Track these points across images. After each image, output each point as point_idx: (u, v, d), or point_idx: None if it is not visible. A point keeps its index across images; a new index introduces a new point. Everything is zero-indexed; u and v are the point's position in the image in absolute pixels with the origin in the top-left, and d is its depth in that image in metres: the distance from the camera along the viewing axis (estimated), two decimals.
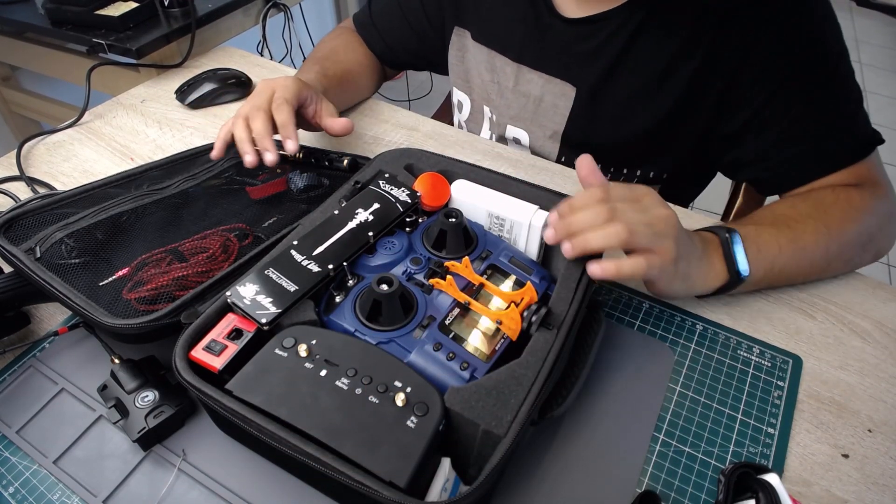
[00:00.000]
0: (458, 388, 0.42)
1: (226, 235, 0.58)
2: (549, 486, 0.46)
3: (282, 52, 1.94)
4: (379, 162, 0.61)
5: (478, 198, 0.57)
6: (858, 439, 0.50)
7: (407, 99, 2.32)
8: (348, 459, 0.38)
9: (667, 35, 0.66)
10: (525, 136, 0.82)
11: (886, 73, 2.75)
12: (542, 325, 0.46)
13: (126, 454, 0.48)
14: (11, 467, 0.48)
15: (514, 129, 0.82)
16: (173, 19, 1.06)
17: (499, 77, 0.80)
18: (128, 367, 0.50)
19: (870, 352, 0.56)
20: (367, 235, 0.52)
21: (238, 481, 0.47)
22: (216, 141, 0.65)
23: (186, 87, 0.89)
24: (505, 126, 0.83)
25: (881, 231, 0.62)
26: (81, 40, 1.03)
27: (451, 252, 0.52)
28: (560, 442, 0.49)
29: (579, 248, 0.48)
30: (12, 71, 1.49)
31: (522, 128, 0.81)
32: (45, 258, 0.53)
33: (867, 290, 0.62)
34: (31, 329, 0.58)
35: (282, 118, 0.64)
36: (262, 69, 0.97)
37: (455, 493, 0.41)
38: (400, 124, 0.86)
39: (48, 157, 0.80)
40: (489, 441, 0.41)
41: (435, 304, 0.48)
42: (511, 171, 0.75)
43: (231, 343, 0.45)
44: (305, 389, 0.41)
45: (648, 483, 0.47)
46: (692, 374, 0.54)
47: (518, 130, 0.82)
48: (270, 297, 0.46)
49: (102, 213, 0.59)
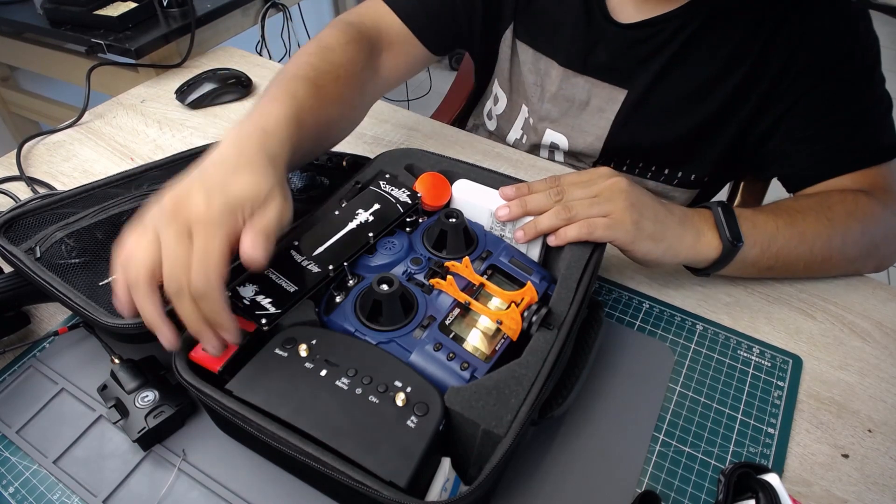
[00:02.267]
0: (459, 388, 0.42)
1: None
2: (549, 486, 0.46)
3: (281, 52, 1.94)
4: (379, 162, 0.61)
5: (478, 198, 0.57)
6: (858, 439, 0.50)
7: (406, 99, 2.32)
8: (348, 459, 0.38)
9: (721, 40, 0.66)
10: (563, 141, 0.80)
11: (886, 73, 2.74)
12: (543, 325, 0.46)
13: (126, 454, 0.48)
14: (11, 467, 0.48)
15: (553, 133, 0.80)
16: (172, 19, 1.06)
17: (542, 80, 0.78)
18: (128, 367, 0.50)
19: (870, 352, 0.56)
20: (367, 236, 0.52)
21: (238, 481, 0.47)
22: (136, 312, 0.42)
23: (186, 87, 0.89)
24: (543, 131, 0.81)
25: (886, 241, 0.62)
26: (80, 40, 1.03)
27: (451, 252, 0.52)
28: (560, 442, 0.49)
29: (531, 232, 0.53)
30: (11, 71, 1.49)
31: (562, 132, 0.79)
32: (45, 258, 0.53)
33: (867, 290, 0.62)
34: (31, 329, 0.58)
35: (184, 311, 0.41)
36: (261, 69, 0.97)
37: (455, 493, 0.41)
38: (400, 124, 0.86)
39: (48, 157, 0.80)
40: (489, 441, 0.41)
41: (435, 304, 0.48)
42: (511, 171, 0.75)
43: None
44: (305, 389, 0.41)
45: (648, 483, 0.47)
46: (692, 374, 0.54)
47: (556, 135, 0.80)
48: (270, 297, 0.46)
49: (102, 213, 0.59)
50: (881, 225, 0.60)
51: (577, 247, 0.52)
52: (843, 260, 0.61)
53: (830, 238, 0.58)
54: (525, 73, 0.80)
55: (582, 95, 0.76)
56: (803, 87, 0.63)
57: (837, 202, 0.60)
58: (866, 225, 0.60)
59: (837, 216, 0.59)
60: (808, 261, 0.59)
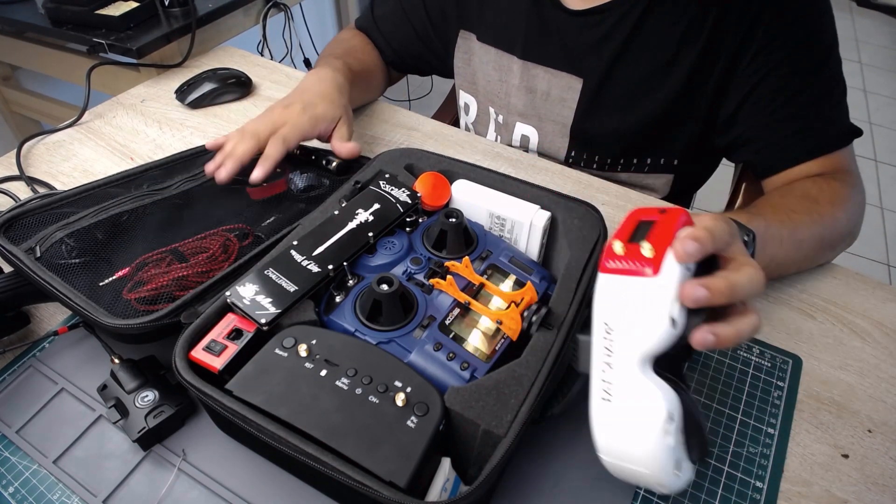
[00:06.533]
0: (459, 388, 0.42)
1: (226, 235, 0.58)
2: (549, 486, 0.46)
3: (282, 52, 1.94)
4: (379, 162, 0.61)
5: (478, 198, 0.57)
6: (858, 439, 0.50)
7: (407, 99, 2.32)
8: (348, 459, 0.38)
9: (671, 20, 0.67)
10: (534, 133, 0.82)
11: (886, 73, 2.75)
12: (543, 325, 0.46)
13: (126, 454, 0.48)
14: (11, 467, 0.48)
15: (523, 126, 0.82)
16: (173, 19, 1.06)
17: (505, 75, 0.81)
18: (128, 367, 0.50)
19: (870, 352, 0.56)
20: (367, 236, 0.52)
21: (238, 481, 0.47)
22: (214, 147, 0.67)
23: (186, 87, 0.89)
24: (513, 125, 0.83)
25: (857, 220, 0.64)
26: (82, 40, 1.03)
27: (451, 252, 0.52)
28: (560, 442, 0.49)
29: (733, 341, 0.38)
30: (12, 71, 1.49)
31: (531, 124, 0.81)
32: (46, 258, 0.53)
33: (867, 290, 0.62)
34: (31, 329, 0.58)
35: (270, 151, 0.64)
36: (262, 69, 0.97)
37: (455, 493, 0.41)
38: (400, 124, 0.86)
39: (48, 156, 0.80)
40: (489, 441, 0.41)
41: (435, 304, 0.48)
42: (511, 171, 0.74)
43: (231, 343, 0.45)
44: (305, 389, 0.41)
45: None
46: (692, 374, 0.54)
47: (526, 127, 0.82)
48: (270, 297, 0.46)
49: (102, 212, 0.59)
50: (854, 206, 0.63)
51: (576, 247, 0.52)
52: (829, 251, 0.62)
53: (822, 236, 0.60)
54: (490, 72, 0.82)
55: (543, 86, 0.77)
56: (766, 66, 0.64)
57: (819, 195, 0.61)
58: (847, 212, 0.61)
59: (826, 211, 0.60)
60: (801, 264, 0.61)
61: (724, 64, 0.66)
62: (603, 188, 0.75)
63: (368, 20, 0.91)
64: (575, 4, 0.72)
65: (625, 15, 0.68)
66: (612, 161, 0.78)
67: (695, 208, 0.90)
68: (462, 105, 0.92)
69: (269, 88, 0.93)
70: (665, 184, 0.79)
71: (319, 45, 2.16)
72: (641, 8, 0.67)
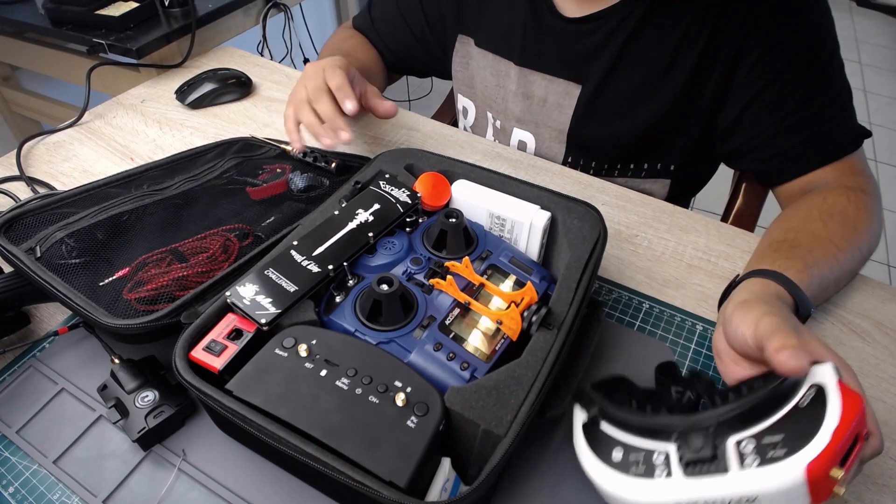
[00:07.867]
0: (459, 388, 0.42)
1: (226, 235, 0.58)
2: (549, 486, 0.46)
3: (282, 52, 1.94)
4: (379, 162, 0.61)
5: (478, 198, 0.57)
6: None
7: (407, 99, 2.32)
8: (348, 459, 0.38)
9: (668, 27, 0.67)
10: (531, 139, 0.82)
11: (886, 73, 2.75)
12: (543, 325, 0.46)
13: (126, 454, 0.48)
14: (11, 467, 0.48)
15: (520, 131, 0.82)
16: (173, 19, 1.06)
17: (503, 81, 0.80)
18: (128, 367, 0.50)
19: (870, 352, 0.56)
20: (367, 236, 0.52)
21: (238, 481, 0.47)
22: (289, 135, 0.69)
23: (186, 87, 0.89)
24: (510, 131, 0.83)
25: (882, 229, 0.63)
26: (82, 40, 1.03)
27: (451, 252, 0.52)
28: (560, 442, 0.49)
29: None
30: (12, 71, 1.49)
31: (528, 130, 0.81)
32: (46, 258, 0.53)
33: (867, 290, 0.62)
34: (31, 329, 0.58)
35: (336, 82, 0.65)
36: (262, 69, 0.97)
37: (455, 493, 0.41)
38: (400, 124, 0.86)
39: (48, 157, 0.80)
40: (489, 441, 0.41)
41: (435, 304, 0.48)
42: (511, 171, 0.75)
43: (231, 343, 0.45)
44: (305, 389, 0.41)
45: None
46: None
47: (524, 133, 0.82)
48: (270, 297, 0.46)
49: (103, 213, 0.59)
50: (877, 219, 0.62)
51: (576, 247, 0.52)
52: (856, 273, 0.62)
53: (860, 262, 0.60)
54: (487, 78, 0.82)
55: (540, 92, 0.77)
56: (768, 73, 0.63)
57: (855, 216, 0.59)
58: (876, 229, 0.61)
59: (864, 237, 0.59)
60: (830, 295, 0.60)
61: (722, 71, 0.66)
62: (603, 188, 0.75)
63: (366, 21, 0.91)
64: (572, 12, 0.71)
65: (622, 22, 0.68)
66: (608, 166, 0.78)
67: (694, 208, 0.90)
68: (461, 108, 0.92)
69: (270, 89, 0.93)
70: (662, 188, 0.79)
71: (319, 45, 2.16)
72: (638, 15, 0.67)
